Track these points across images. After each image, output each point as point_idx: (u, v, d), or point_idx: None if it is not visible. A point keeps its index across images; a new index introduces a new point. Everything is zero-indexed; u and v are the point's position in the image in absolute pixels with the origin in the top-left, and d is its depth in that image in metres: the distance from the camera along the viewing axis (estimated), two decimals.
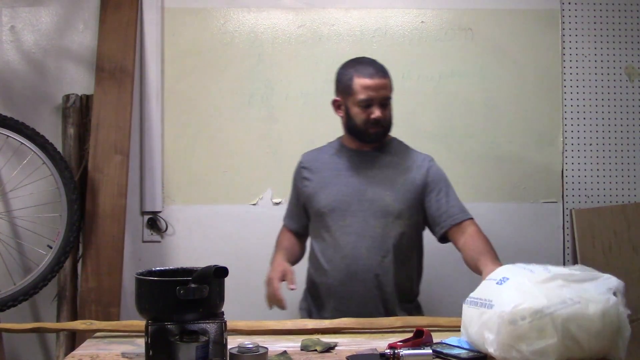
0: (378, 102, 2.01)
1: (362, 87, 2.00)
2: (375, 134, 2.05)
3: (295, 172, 2.24)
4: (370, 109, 2.01)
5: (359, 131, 2.06)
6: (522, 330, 1.34)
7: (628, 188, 2.90)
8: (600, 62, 2.90)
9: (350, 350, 1.58)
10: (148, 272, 1.49)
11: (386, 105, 2.04)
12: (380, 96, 2.01)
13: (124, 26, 2.72)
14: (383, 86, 2.01)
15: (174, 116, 2.80)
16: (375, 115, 2.00)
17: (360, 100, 2.01)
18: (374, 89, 2.00)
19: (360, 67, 2.04)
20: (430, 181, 2.07)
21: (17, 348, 2.71)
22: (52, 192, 2.56)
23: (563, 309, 1.36)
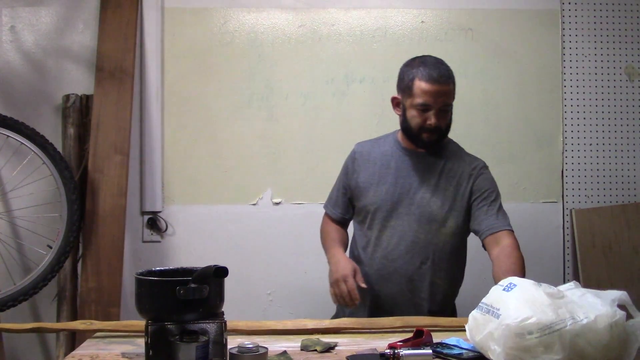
0: (436, 108, 1.93)
1: (422, 91, 1.92)
2: (429, 141, 1.99)
3: (347, 162, 2.16)
4: (427, 114, 1.94)
5: (413, 134, 2.00)
6: (529, 344, 1.33)
7: (628, 188, 2.90)
8: (600, 62, 2.90)
9: (350, 350, 1.58)
10: (148, 272, 1.49)
11: (445, 112, 1.96)
12: (439, 103, 1.93)
13: (124, 26, 2.72)
14: (444, 93, 1.93)
15: (174, 116, 2.80)
16: (431, 122, 1.94)
17: (418, 104, 1.94)
18: (434, 95, 1.92)
19: (424, 68, 1.94)
20: (477, 189, 2.03)
21: (17, 348, 2.71)
22: (52, 192, 2.56)
23: (572, 324, 1.34)
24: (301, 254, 2.78)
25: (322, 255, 2.79)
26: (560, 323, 1.34)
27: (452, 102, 1.98)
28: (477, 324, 1.45)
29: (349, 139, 2.80)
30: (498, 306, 1.41)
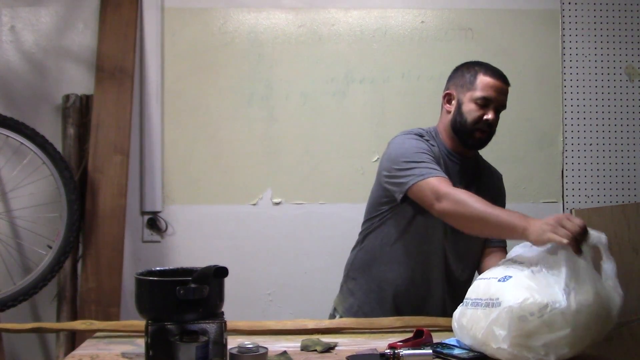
0: (495, 105, 1.92)
1: (486, 84, 1.91)
2: (479, 139, 1.95)
3: (425, 144, 1.95)
4: (486, 109, 1.92)
5: (465, 130, 1.94)
6: (533, 325, 1.34)
7: (628, 188, 2.90)
8: (600, 62, 2.90)
9: (350, 350, 1.58)
10: (148, 272, 1.49)
11: (499, 112, 1.96)
12: (500, 100, 1.93)
13: (124, 26, 2.72)
14: (504, 92, 1.94)
15: (174, 116, 2.80)
16: (489, 117, 1.91)
17: (479, 98, 1.91)
18: (497, 90, 1.92)
19: (487, 67, 1.96)
20: (498, 197, 2.06)
21: (17, 348, 2.71)
22: (52, 192, 2.56)
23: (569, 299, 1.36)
24: (301, 254, 2.78)
25: (322, 255, 2.80)
26: (558, 301, 1.36)
27: (506, 105, 1.97)
28: (476, 320, 1.46)
29: (349, 139, 2.82)
30: (497, 296, 1.42)
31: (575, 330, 1.35)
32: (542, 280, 1.44)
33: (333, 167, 2.82)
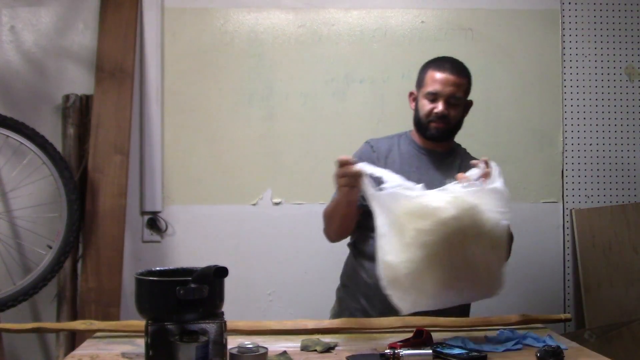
0: (444, 97, 1.99)
1: (433, 79, 2.01)
2: (436, 130, 2.02)
3: (364, 155, 2.06)
4: (436, 103, 2.00)
5: (422, 124, 2.05)
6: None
7: (628, 188, 2.90)
8: (600, 62, 2.90)
9: (350, 350, 1.58)
10: (148, 272, 1.49)
11: (454, 105, 2.01)
12: (447, 92, 1.99)
13: (124, 26, 2.72)
14: (453, 83, 1.99)
15: (174, 116, 2.80)
16: (439, 110, 1.99)
17: (427, 93, 2.01)
18: (442, 83, 1.99)
19: (439, 62, 2.05)
20: None
21: (17, 348, 2.71)
22: (52, 192, 2.56)
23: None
24: (301, 254, 2.78)
25: (322, 255, 2.79)
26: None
27: (461, 95, 2.03)
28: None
29: (349, 139, 2.81)
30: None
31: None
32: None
33: (333, 167, 2.81)
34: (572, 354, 1.56)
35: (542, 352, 1.49)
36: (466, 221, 1.54)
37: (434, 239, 1.53)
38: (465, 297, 1.67)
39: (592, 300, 2.75)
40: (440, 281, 1.56)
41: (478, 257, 1.58)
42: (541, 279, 2.85)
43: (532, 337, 1.66)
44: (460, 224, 1.54)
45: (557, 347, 1.50)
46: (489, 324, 1.81)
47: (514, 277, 2.83)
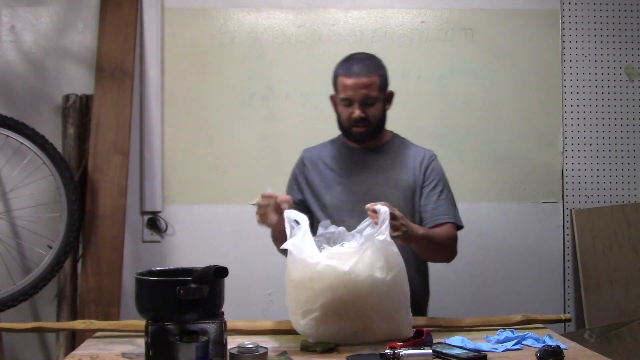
0: (358, 101, 1.97)
1: (342, 85, 1.99)
2: (359, 134, 2.02)
3: (297, 169, 2.18)
4: (352, 108, 1.99)
5: (345, 129, 2.06)
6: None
7: (628, 188, 2.90)
8: (600, 62, 2.90)
9: (350, 350, 1.57)
10: (148, 272, 1.49)
11: (371, 105, 1.99)
12: (359, 95, 1.97)
13: (124, 26, 2.72)
14: (364, 85, 1.96)
15: (174, 116, 2.80)
16: (355, 115, 1.98)
17: (342, 99, 2.00)
18: (353, 88, 1.96)
19: (348, 64, 2.01)
20: (427, 177, 2.06)
21: (17, 348, 2.71)
22: (52, 192, 2.56)
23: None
24: None
25: None
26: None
27: (375, 94, 1.99)
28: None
29: None
30: None
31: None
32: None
33: None
34: (572, 354, 1.56)
35: (542, 352, 1.49)
36: (341, 290, 1.57)
37: (321, 302, 1.58)
38: (370, 339, 1.67)
39: (592, 300, 2.75)
40: (336, 333, 1.61)
41: (372, 312, 1.61)
42: (541, 279, 2.85)
43: (532, 337, 1.66)
44: (335, 293, 1.57)
45: (557, 347, 1.50)
46: (489, 324, 1.81)
47: (514, 277, 2.84)
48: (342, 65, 2.03)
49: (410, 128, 2.80)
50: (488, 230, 2.84)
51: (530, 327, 1.81)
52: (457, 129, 2.85)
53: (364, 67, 1.99)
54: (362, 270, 1.58)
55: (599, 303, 2.75)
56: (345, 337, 1.62)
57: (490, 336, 1.68)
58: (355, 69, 1.98)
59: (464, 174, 2.83)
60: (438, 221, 2.00)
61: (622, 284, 2.78)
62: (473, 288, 2.85)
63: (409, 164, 2.08)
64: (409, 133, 2.80)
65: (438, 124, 2.84)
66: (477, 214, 2.84)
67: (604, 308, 2.75)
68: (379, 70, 2.01)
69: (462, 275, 2.83)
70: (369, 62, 2.02)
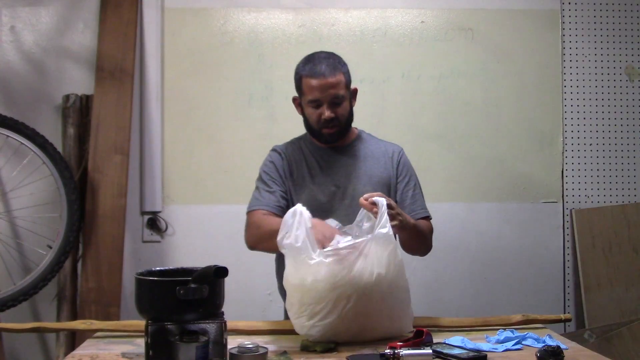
0: (327, 101, 1.95)
1: (309, 87, 1.95)
2: (330, 135, 1.99)
3: (276, 161, 2.07)
4: (320, 110, 1.96)
5: (314, 131, 2.02)
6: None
7: (628, 188, 2.90)
8: (600, 62, 2.90)
9: (350, 350, 1.57)
10: (148, 272, 1.49)
11: (339, 104, 1.96)
12: (328, 96, 1.94)
13: (124, 26, 2.72)
14: (331, 85, 1.93)
15: (174, 116, 2.80)
16: (325, 116, 1.95)
17: (309, 101, 1.97)
18: (320, 89, 1.93)
19: (310, 65, 1.98)
20: (400, 172, 2.05)
21: (17, 348, 2.71)
22: (52, 192, 2.56)
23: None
24: None
25: None
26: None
27: (343, 93, 1.96)
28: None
29: None
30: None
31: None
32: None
33: None
34: (572, 354, 1.56)
35: (542, 352, 1.48)
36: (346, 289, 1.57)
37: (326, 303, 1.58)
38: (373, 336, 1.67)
39: (592, 300, 2.75)
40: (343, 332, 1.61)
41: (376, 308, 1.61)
42: (541, 279, 2.85)
43: (532, 337, 1.66)
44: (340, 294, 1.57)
45: (557, 347, 1.50)
46: (489, 324, 1.81)
47: (514, 277, 2.84)
48: (304, 66, 1.99)
49: (410, 128, 2.81)
50: (488, 230, 2.85)
51: (530, 327, 1.81)
52: (457, 129, 2.85)
53: (328, 66, 1.95)
54: (365, 267, 1.58)
55: (599, 303, 2.75)
56: (351, 336, 1.61)
57: (490, 336, 1.68)
58: (319, 70, 1.94)
59: (464, 174, 2.83)
60: (417, 215, 1.99)
61: (622, 284, 2.78)
62: (473, 288, 2.85)
63: (380, 159, 2.06)
64: (409, 133, 2.82)
65: (438, 124, 2.84)
66: (477, 214, 2.84)
67: (604, 308, 2.75)
68: (342, 68, 1.99)
69: (462, 275, 2.84)
70: (332, 60, 1.98)
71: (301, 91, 2.00)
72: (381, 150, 2.08)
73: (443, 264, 2.80)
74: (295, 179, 2.05)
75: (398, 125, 2.83)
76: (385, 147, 2.09)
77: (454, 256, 2.83)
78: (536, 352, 1.50)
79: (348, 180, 2.02)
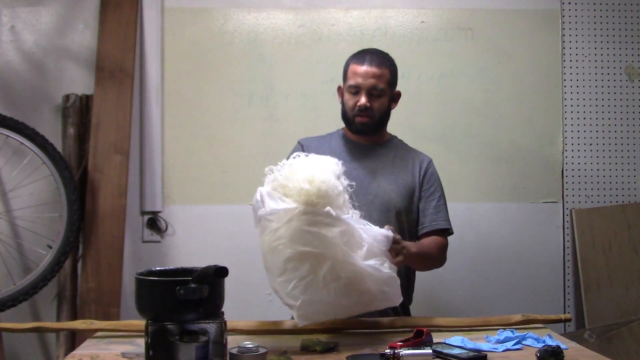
0: (365, 89, 2.00)
1: (353, 72, 2.02)
2: (361, 124, 2.03)
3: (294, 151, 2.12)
4: (358, 96, 2.01)
5: (348, 118, 2.06)
6: None
7: (628, 188, 2.90)
8: (600, 62, 2.90)
9: (350, 350, 1.58)
10: (148, 272, 1.49)
11: (377, 97, 2.02)
12: (368, 84, 1.99)
13: (124, 26, 2.72)
14: (373, 75, 2.00)
15: (174, 116, 2.80)
16: (361, 103, 1.99)
17: (350, 86, 2.02)
18: (362, 75, 2.00)
19: (361, 54, 2.06)
20: (427, 181, 2.08)
21: (17, 348, 2.71)
22: (52, 192, 2.56)
23: None
24: None
25: None
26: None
27: (383, 86, 2.01)
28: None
29: None
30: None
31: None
32: None
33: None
34: (572, 354, 1.56)
35: (542, 352, 1.49)
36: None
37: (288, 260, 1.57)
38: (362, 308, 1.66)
39: (592, 300, 2.75)
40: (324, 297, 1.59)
41: (355, 275, 1.59)
42: (541, 279, 2.85)
43: (532, 337, 1.66)
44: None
45: (557, 347, 1.50)
46: (489, 324, 1.81)
47: (514, 277, 2.84)
48: (355, 55, 2.08)
49: (410, 128, 2.81)
50: (488, 230, 2.85)
51: (530, 327, 1.81)
52: (457, 129, 2.85)
53: (376, 58, 2.04)
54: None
55: (599, 303, 2.75)
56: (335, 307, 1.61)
57: (490, 336, 1.68)
58: (367, 58, 2.03)
59: (464, 174, 2.83)
60: (438, 226, 2.03)
61: (622, 284, 2.78)
62: (473, 288, 2.85)
63: (409, 164, 2.09)
64: (409, 133, 2.80)
65: (438, 124, 2.84)
66: (477, 214, 2.84)
67: (604, 308, 2.75)
68: (390, 66, 2.06)
69: (462, 275, 2.84)
70: (381, 55, 2.07)
71: (345, 77, 2.06)
72: (411, 157, 2.11)
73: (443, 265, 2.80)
74: None
75: (398, 125, 2.82)
76: (415, 154, 2.13)
77: (454, 256, 2.81)
78: (536, 352, 1.51)
79: (374, 178, 2.03)
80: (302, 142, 2.17)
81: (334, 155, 2.06)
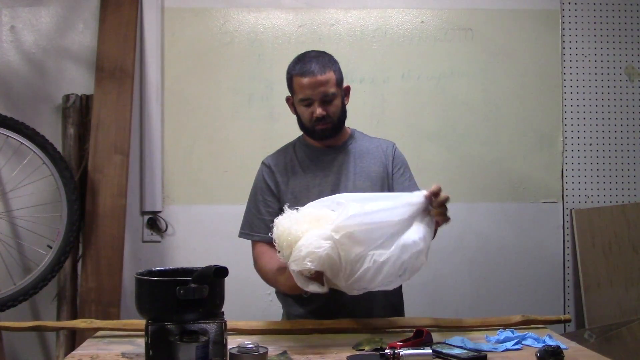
0: (318, 99, 1.96)
1: (299, 86, 1.96)
2: (322, 131, 2.01)
3: (263, 179, 2.10)
4: (312, 108, 1.97)
5: (308, 130, 2.04)
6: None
7: (628, 188, 2.90)
8: (600, 62, 2.90)
9: (350, 350, 1.58)
10: (148, 272, 1.49)
11: (330, 102, 1.98)
12: (318, 93, 1.95)
13: (124, 26, 2.72)
14: (321, 83, 1.94)
15: (174, 116, 2.80)
16: (317, 114, 1.96)
17: (301, 100, 1.98)
18: (310, 87, 1.94)
19: (300, 64, 1.98)
20: (395, 165, 2.07)
21: (17, 348, 2.71)
22: (52, 192, 2.56)
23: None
24: None
25: None
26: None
27: (333, 90, 1.98)
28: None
29: None
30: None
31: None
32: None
33: None
34: (572, 354, 1.56)
35: (542, 352, 1.49)
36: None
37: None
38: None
39: (592, 300, 2.76)
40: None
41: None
42: (541, 278, 2.85)
43: (532, 337, 1.66)
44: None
45: (557, 347, 1.50)
46: (489, 324, 1.81)
47: (514, 277, 2.84)
48: (295, 65, 2.00)
49: (410, 128, 2.81)
50: (488, 230, 2.85)
51: (530, 327, 1.81)
52: (457, 129, 2.85)
53: (317, 64, 1.96)
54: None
55: (599, 303, 2.75)
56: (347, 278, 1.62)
57: (490, 336, 1.68)
58: (309, 68, 1.95)
59: (464, 174, 2.83)
60: None
61: (622, 284, 2.78)
62: (473, 288, 2.85)
63: (375, 155, 2.08)
64: (409, 133, 2.82)
65: (438, 124, 2.84)
66: (477, 214, 2.84)
67: (604, 308, 2.75)
68: (332, 66, 1.99)
69: (462, 275, 2.84)
70: (321, 59, 1.99)
71: (293, 90, 2.01)
72: (375, 146, 2.10)
73: (443, 264, 2.80)
74: (294, 185, 2.04)
75: (398, 125, 2.83)
76: (378, 143, 2.11)
77: (453, 256, 2.83)
78: (536, 352, 1.51)
79: (346, 178, 2.02)
80: (266, 163, 2.13)
81: (301, 167, 2.07)
